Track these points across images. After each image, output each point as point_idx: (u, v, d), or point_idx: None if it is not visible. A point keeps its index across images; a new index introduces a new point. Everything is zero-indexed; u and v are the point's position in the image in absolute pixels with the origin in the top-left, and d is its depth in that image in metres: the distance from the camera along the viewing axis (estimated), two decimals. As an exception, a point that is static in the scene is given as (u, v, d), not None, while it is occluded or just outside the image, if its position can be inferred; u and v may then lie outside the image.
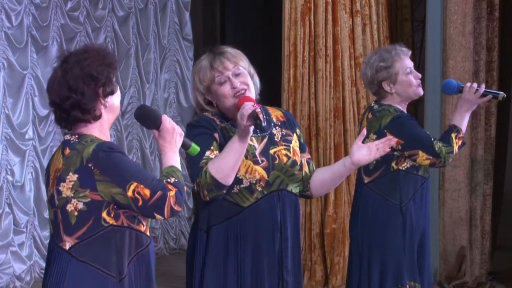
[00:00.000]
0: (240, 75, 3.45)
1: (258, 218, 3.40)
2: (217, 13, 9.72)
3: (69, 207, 2.86)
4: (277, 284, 3.45)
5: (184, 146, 3.08)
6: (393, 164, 4.18)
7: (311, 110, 6.75)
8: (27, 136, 7.14)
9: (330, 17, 6.70)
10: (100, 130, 2.94)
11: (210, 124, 3.42)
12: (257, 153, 3.41)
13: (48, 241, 3.04)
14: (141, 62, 8.37)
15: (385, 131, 4.13)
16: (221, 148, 3.38)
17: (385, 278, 4.21)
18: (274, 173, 3.40)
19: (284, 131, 3.54)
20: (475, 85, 4.11)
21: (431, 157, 4.06)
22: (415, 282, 4.21)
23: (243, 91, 3.42)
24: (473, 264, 6.74)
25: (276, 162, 3.42)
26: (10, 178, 7.01)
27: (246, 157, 3.37)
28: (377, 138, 4.12)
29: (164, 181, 2.86)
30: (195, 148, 3.11)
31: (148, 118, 3.03)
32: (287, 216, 3.46)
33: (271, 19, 8.31)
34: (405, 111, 4.28)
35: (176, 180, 2.88)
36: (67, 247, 2.86)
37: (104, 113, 2.93)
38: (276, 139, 3.51)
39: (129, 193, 2.82)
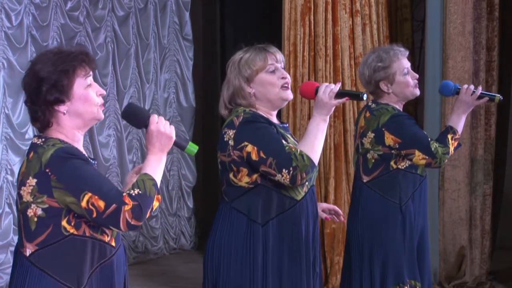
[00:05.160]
0: (284, 69, 3.51)
1: (307, 211, 3.45)
2: (217, 13, 9.71)
3: (29, 212, 2.75)
4: (312, 276, 3.52)
5: (179, 147, 2.89)
6: (392, 163, 4.17)
7: (311, 110, 6.73)
8: (27, 136, 7.14)
9: (330, 17, 6.70)
10: (66, 134, 2.81)
11: (264, 118, 3.42)
12: None
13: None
14: (141, 62, 8.37)
15: (383, 129, 4.14)
16: None
17: (386, 277, 4.20)
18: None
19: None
20: (472, 87, 4.10)
21: (427, 157, 4.05)
22: (416, 280, 4.20)
23: (287, 85, 3.48)
24: (473, 264, 6.74)
25: None
26: (10, 178, 7.01)
27: None
28: (375, 137, 4.17)
29: (126, 193, 2.69)
30: (191, 148, 2.89)
31: (134, 117, 2.86)
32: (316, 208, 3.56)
33: (271, 19, 8.31)
34: (401, 111, 4.29)
35: (139, 192, 2.69)
36: (27, 254, 2.75)
37: (67, 117, 2.78)
38: (291, 133, 3.64)
39: (83, 204, 2.67)
